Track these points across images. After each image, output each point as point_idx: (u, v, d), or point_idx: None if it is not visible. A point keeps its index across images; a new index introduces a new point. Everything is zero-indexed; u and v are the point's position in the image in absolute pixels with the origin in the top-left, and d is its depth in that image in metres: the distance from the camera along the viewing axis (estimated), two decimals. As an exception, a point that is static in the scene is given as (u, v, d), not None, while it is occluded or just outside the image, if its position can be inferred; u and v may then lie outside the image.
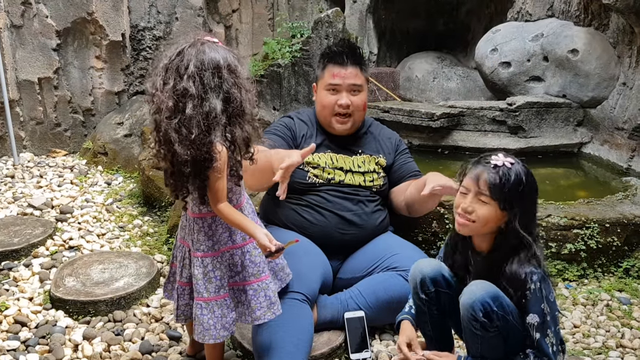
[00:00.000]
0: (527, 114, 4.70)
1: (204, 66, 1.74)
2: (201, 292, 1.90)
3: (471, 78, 6.01)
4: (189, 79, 1.72)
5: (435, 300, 1.97)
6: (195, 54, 1.75)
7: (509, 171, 1.75)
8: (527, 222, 1.78)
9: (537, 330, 1.74)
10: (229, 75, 1.77)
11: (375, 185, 2.62)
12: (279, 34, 5.45)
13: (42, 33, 4.78)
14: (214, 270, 1.90)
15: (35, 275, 2.92)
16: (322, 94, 2.63)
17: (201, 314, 1.90)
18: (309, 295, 2.22)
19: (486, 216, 1.78)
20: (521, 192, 1.75)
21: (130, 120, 4.87)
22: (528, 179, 1.77)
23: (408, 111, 4.87)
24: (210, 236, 1.90)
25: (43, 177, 4.37)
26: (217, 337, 1.91)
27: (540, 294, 1.74)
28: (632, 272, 2.93)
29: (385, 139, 2.76)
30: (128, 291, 2.67)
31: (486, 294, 1.74)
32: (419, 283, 1.98)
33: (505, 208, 1.75)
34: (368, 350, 2.30)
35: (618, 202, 3.12)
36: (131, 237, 3.43)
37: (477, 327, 1.76)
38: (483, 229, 1.81)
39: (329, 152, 2.62)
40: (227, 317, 1.92)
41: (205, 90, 1.73)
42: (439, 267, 1.99)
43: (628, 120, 4.36)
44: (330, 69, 2.60)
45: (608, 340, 2.47)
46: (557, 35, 4.80)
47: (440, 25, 6.86)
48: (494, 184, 1.75)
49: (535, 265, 1.78)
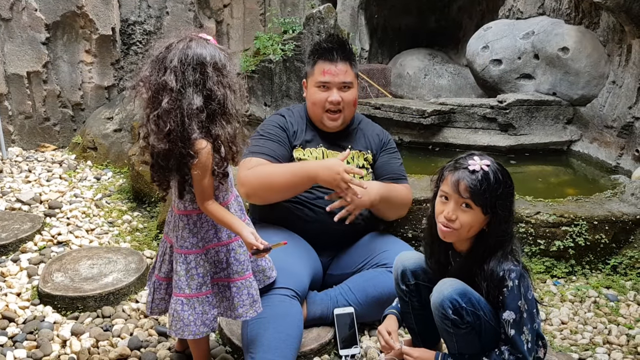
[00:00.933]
0: (517, 111, 4.72)
1: (187, 61, 1.73)
2: (183, 289, 1.89)
3: (462, 75, 6.03)
4: (170, 73, 1.72)
5: (415, 292, 2.00)
6: (181, 49, 1.74)
7: (487, 175, 1.74)
8: (506, 221, 1.78)
9: (512, 326, 1.74)
10: (214, 73, 1.75)
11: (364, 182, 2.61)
12: (270, 29, 5.44)
13: (31, 26, 4.74)
14: (197, 268, 1.89)
15: (24, 271, 2.90)
16: (312, 91, 2.61)
17: (182, 309, 1.89)
18: (298, 291, 2.22)
19: (470, 222, 1.77)
20: (500, 193, 1.74)
21: (120, 115, 4.85)
22: (505, 179, 1.76)
23: (399, 108, 4.88)
24: (195, 233, 1.89)
25: (32, 171, 4.35)
26: (197, 332, 1.91)
27: (517, 291, 1.74)
28: (620, 269, 2.95)
29: (374, 136, 2.74)
30: (117, 287, 2.66)
31: (454, 291, 1.75)
32: (399, 274, 2.01)
33: (488, 212, 1.75)
34: (357, 346, 2.31)
35: (606, 199, 3.14)
36: (120, 233, 3.42)
37: (449, 325, 1.77)
38: (467, 234, 1.80)
39: (321, 147, 2.61)
40: (207, 314, 1.92)
41: (184, 84, 1.72)
42: (420, 260, 2.00)
43: (617, 118, 4.39)
44: (320, 66, 2.58)
45: (595, 336, 2.49)
46: (547, 33, 4.82)
47: (432, 22, 6.88)
48: (475, 190, 1.73)
49: (513, 262, 1.78)
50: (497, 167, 1.76)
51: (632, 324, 2.58)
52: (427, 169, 4.29)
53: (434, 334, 2.09)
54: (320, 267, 2.51)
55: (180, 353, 2.28)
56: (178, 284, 1.89)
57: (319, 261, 2.51)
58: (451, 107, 4.87)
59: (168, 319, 1.96)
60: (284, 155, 2.53)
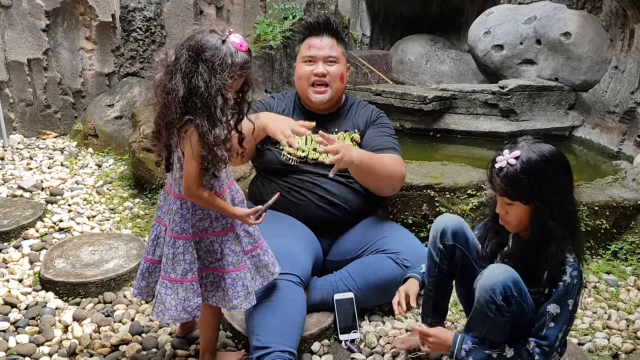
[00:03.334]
0: (519, 97, 4.70)
1: (187, 45, 1.73)
2: (168, 272, 1.88)
3: (464, 61, 6.00)
4: (172, 49, 1.76)
5: (449, 254, 1.99)
6: (196, 33, 1.75)
7: (515, 169, 1.70)
8: (550, 209, 1.72)
9: (553, 319, 1.72)
10: (205, 69, 1.71)
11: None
12: (270, 15, 5.40)
13: (31, 13, 4.72)
14: (184, 253, 1.87)
15: (25, 257, 2.91)
16: (299, 67, 2.63)
17: (165, 293, 1.89)
18: (303, 277, 2.23)
19: (518, 214, 1.77)
20: (534, 183, 1.70)
21: (121, 102, 4.84)
22: (539, 167, 1.70)
23: (400, 94, 4.86)
24: (188, 219, 1.87)
25: (33, 159, 4.35)
26: (177, 318, 1.89)
27: (572, 289, 1.73)
28: (620, 255, 2.95)
29: (363, 116, 2.71)
30: (118, 273, 2.67)
31: (509, 278, 1.71)
32: (439, 232, 2.00)
33: (529, 202, 1.73)
34: (357, 332, 2.32)
35: (607, 185, 3.13)
36: (121, 219, 3.42)
37: (492, 310, 1.72)
38: (522, 224, 1.79)
39: None
40: (190, 302, 1.89)
41: (176, 66, 1.72)
42: (462, 223, 2.00)
43: (619, 104, 4.37)
44: (307, 42, 2.62)
45: (595, 321, 2.50)
46: (550, 18, 4.79)
47: (434, 7, 6.83)
48: (504, 188, 1.73)
49: (576, 260, 1.75)
50: (530, 157, 1.71)
51: (631, 309, 2.59)
52: (428, 155, 4.28)
53: (443, 308, 2.10)
54: (320, 252, 2.51)
55: (181, 338, 2.30)
56: (165, 267, 1.89)
57: (320, 246, 2.51)
58: (452, 93, 4.85)
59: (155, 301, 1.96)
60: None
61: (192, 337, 2.30)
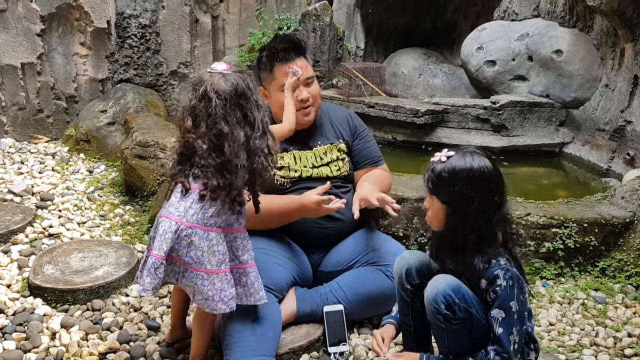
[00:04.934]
0: (510, 112, 4.74)
1: (228, 102, 1.90)
2: (204, 264, 1.93)
3: (456, 75, 6.04)
4: (220, 120, 1.88)
5: (420, 292, 1.98)
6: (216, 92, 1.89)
7: (442, 167, 1.80)
8: (464, 214, 1.78)
9: (500, 325, 1.75)
10: (246, 102, 1.93)
11: (342, 173, 2.61)
12: (263, 26, 5.43)
13: (26, 17, 4.72)
14: (218, 245, 1.95)
15: (14, 262, 2.89)
16: (278, 95, 2.52)
17: (202, 284, 1.94)
18: (277, 291, 2.29)
19: (435, 210, 1.84)
20: (452, 186, 1.78)
21: (114, 109, 4.84)
22: (459, 174, 1.77)
23: (393, 107, 4.89)
24: (221, 214, 1.96)
25: (24, 163, 4.33)
26: (215, 308, 1.96)
27: (510, 291, 1.76)
28: (608, 272, 2.97)
29: (342, 122, 2.72)
30: (107, 280, 2.66)
31: (447, 286, 1.78)
32: (404, 273, 2.01)
33: (444, 202, 1.81)
34: (346, 344, 2.32)
35: (597, 202, 3.16)
36: (112, 226, 3.41)
37: (441, 320, 1.79)
38: (439, 222, 1.85)
39: (292, 150, 2.56)
40: (226, 292, 1.96)
41: (233, 125, 1.90)
42: (424, 258, 2.02)
43: (609, 121, 4.41)
44: (280, 68, 2.51)
45: (582, 338, 2.51)
46: (542, 35, 4.84)
47: (428, 22, 6.88)
48: (428, 180, 1.83)
49: (510, 263, 1.79)
50: (458, 163, 1.78)
51: (619, 327, 2.61)
52: (420, 168, 4.29)
53: (427, 339, 2.11)
54: (307, 265, 2.51)
55: (169, 346, 2.29)
56: (200, 259, 1.93)
57: (306, 260, 2.52)
58: (445, 107, 4.89)
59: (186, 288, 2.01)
60: None
61: (181, 346, 2.29)
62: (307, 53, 2.62)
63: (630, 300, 2.80)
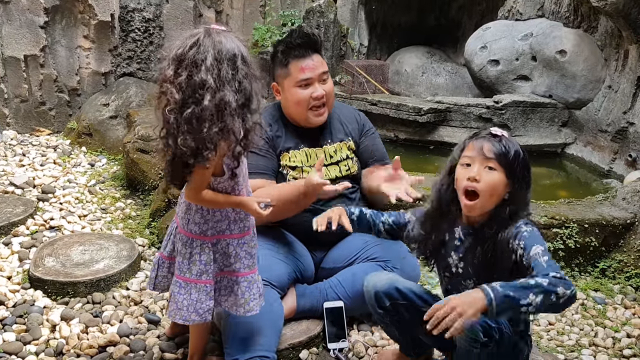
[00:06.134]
0: (513, 112, 4.74)
1: (221, 57, 1.67)
2: (183, 272, 1.89)
3: (460, 74, 6.03)
4: (207, 71, 1.65)
5: (395, 312, 1.98)
6: (212, 45, 1.68)
7: (509, 141, 1.79)
8: (526, 190, 1.81)
9: (544, 254, 1.68)
10: (243, 66, 1.72)
11: (352, 172, 2.59)
12: (269, 22, 5.42)
13: (29, 10, 4.72)
14: (201, 254, 1.88)
15: (15, 254, 2.90)
16: (293, 92, 2.49)
17: (178, 292, 1.89)
18: (279, 287, 2.29)
19: (495, 183, 1.76)
20: (521, 162, 1.78)
21: (117, 102, 4.84)
22: (524, 151, 1.81)
23: (395, 105, 4.88)
24: (208, 220, 1.87)
25: (26, 155, 4.33)
26: (188, 319, 1.90)
27: (536, 234, 1.75)
28: (608, 273, 2.98)
29: (351, 120, 2.70)
30: (108, 273, 2.66)
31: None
32: (374, 299, 2.00)
33: (509, 177, 1.77)
34: (345, 340, 2.32)
35: (598, 203, 3.16)
36: (113, 220, 3.42)
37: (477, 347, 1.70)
38: (490, 200, 1.78)
39: (303, 148, 2.55)
40: (202, 304, 1.89)
41: (222, 82, 1.67)
42: (391, 281, 1.99)
43: (612, 123, 4.41)
44: (295, 64, 2.47)
45: (581, 338, 2.51)
46: (546, 35, 4.83)
47: (432, 20, 6.87)
48: (500, 152, 1.76)
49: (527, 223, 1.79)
50: (514, 141, 1.82)
51: (618, 327, 2.61)
52: (421, 166, 4.30)
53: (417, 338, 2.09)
54: (309, 262, 2.51)
55: (170, 340, 2.29)
56: (180, 266, 1.89)
57: (308, 257, 2.51)
58: (447, 106, 4.88)
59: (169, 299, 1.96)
60: (274, 167, 2.51)
61: (181, 340, 2.30)
62: (321, 48, 2.57)
63: (629, 301, 2.80)
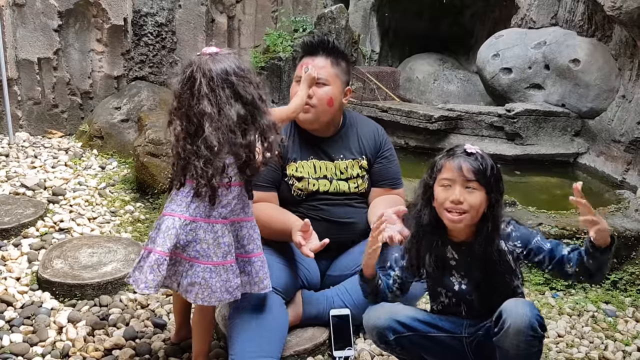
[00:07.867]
0: (525, 121, 4.70)
1: (215, 84, 1.85)
2: (210, 257, 1.94)
3: (472, 82, 6.01)
4: (203, 99, 1.84)
5: (400, 345, 1.97)
6: (202, 74, 1.85)
7: (483, 157, 1.81)
8: (501, 201, 1.84)
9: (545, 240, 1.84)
10: (237, 80, 1.88)
11: (360, 190, 2.54)
12: (280, 27, 5.44)
13: (44, 13, 4.76)
14: (223, 237, 1.96)
15: (24, 256, 2.91)
16: (294, 84, 2.48)
17: (210, 277, 1.94)
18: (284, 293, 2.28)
19: (478, 203, 1.78)
20: (496, 174, 1.81)
21: (128, 106, 4.86)
22: (496, 162, 1.85)
23: (406, 112, 4.87)
24: (225, 205, 1.96)
25: (37, 157, 4.36)
26: (221, 299, 1.97)
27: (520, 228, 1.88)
28: (620, 285, 2.94)
29: (369, 137, 2.60)
30: (115, 276, 2.66)
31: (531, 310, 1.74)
32: (376, 336, 1.98)
33: (488, 192, 1.79)
34: (351, 349, 2.31)
35: (610, 214, 3.13)
36: (122, 223, 3.43)
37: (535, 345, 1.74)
38: (476, 217, 1.80)
39: (312, 159, 2.50)
40: (231, 282, 1.98)
41: (220, 105, 1.85)
42: (390, 314, 1.96)
43: (625, 133, 4.37)
44: (301, 61, 2.49)
45: (591, 351, 2.48)
46: (559, 44, 4.80)
47: (444, 27, 6.85)
48: (478, 170, 1.77)
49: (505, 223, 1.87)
50: (485, 155, 1.84)
51: (629, 341, 2.57)
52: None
53: None
54: (315, 269, 2.50)
55: (175, 345, 2.29)
56: (206, 252, 1.94)
57: (314, 264, 2.48)
58: (459, 114, 4.86)
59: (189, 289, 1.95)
60: (277, 179, 2.46)
61: (186, 345, 2.29)
62: (335, 56, 2.47)
63: (641, 315, 2.77)
